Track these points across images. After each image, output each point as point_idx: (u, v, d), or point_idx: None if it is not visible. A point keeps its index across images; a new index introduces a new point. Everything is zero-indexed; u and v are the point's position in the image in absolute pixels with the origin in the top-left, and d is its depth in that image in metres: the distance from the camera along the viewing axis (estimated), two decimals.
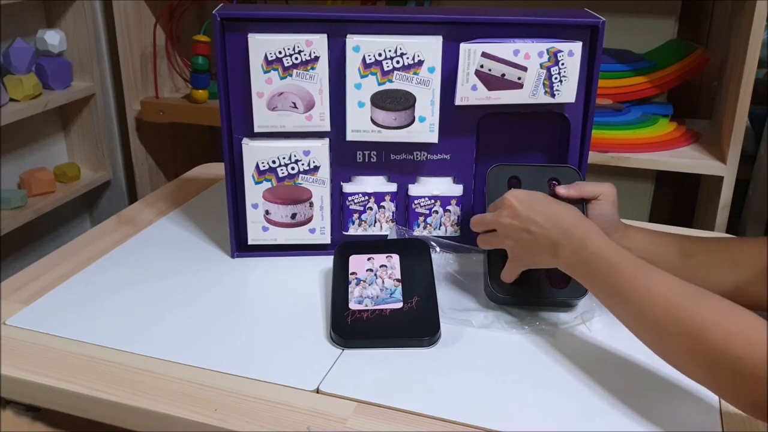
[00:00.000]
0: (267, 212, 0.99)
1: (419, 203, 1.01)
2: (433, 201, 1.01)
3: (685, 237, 0.89)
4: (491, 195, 0.92)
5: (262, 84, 0.93)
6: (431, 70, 0.92)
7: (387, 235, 1.01)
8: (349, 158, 1.00)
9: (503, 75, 0.92)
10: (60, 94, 1.86)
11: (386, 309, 0.85)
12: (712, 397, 0.73)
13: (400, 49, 0.91)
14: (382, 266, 0.91)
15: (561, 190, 0.89)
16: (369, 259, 0.92)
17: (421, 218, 1.02)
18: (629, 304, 0.71)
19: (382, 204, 1.01)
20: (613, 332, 0.84)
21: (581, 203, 0.88)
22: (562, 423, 0.70)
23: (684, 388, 0.74)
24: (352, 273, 0.90)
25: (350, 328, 0.82)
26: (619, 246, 0.75)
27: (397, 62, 0.92)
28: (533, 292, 0.88)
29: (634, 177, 1.73)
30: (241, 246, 1.02)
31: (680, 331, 0.66)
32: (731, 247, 0.85)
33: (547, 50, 0.91)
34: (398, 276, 0.89)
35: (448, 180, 1.02)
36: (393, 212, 1.02)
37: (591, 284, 0.76)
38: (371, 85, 0.93)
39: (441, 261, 0.98)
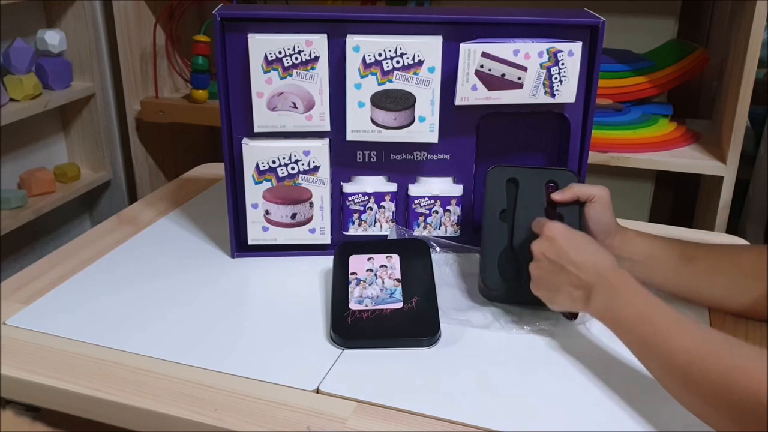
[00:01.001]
0: (267, 212, 0.99)
1: (419, 203, 1.01)
2: (433, 201, 1.01)
3: (686, 242, 0.88)
4: (490, 196, 0.92)
5: (262, 84, 0.93)
6: (431, 70, 0.92)
7: (387, 235, 1.01)
8: (349, 158, 1.00)
9: (503, 75, 0.92)
10: (60, 94, 1.86)
11: (386, 309, 0.85)
12: None
13: (400, 49, 0.91)
14: (382, 266, 0.91)
15: (556, 196, 0.88)
16: (369, 259, 0.92)
17: (421, 218, 1.02)
18: (660, 355, 0.69)
19: (382, 204, 1.01)
20: (612, 333, 0.84)
21: (577, 206, 0.88)
22: (561, 423, 0.70)
23: None
24: (352, 273, 0.90)
25: (350, 328, 0.82)
26: (652, 296, 0.73)
27: (397, 62, 0.92)
28: (527, 291, 0.88)
29: (634, 177, 1.73)
30: (241, 246, 1.02)
31: (710, 381, 0.63)
32: (732, 255, 0.85)
33: (547, 50, 0.91)
34: (398, 276, 0.89)
35: (448, 180, 1.02)
36: (393, 212, 1.02)
37: (621, 333, 0.74)
38: (371, 85, 0.93)
39: (441, 261, 0.98)
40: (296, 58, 0.92)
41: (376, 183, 1.01)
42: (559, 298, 0.80)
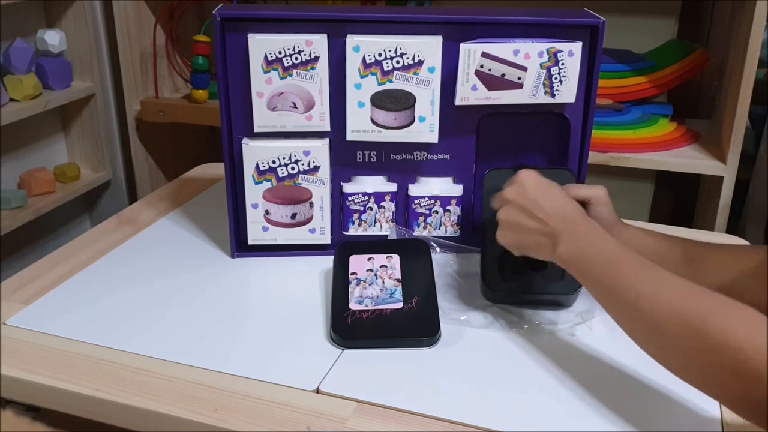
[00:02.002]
0: (267, 212, 0.99)
1: (419, 203, 1.01)
2: (433, 201, 1.01)
3: (690, 242, 0.88)
4: (487, 199, 0.92)
5: (262, 84, 0.93)
6: (431, 70, 0.92)
7: (387, 235, 1.01)
8: (349, 158, 1.00)
9: (503, 75, 0.92)
10: (60, 94, 1.86)
11: (386, 309, 0.85)
12: (713, 399, 0.73)
13: (400, 49, 0.91)
14: (382, 266, 0.91)
15: None
16: (369, 259, 0.92)
17: (421, 218, 1.02)
18: (626, 301, 0.68)
19: (382, 204, 1.01)
20: (613, 332, 0.84)
21: None
22: (561, 423, 0.70)
23: (685, 389, 0.74)
24: (353, 273, 0.90)
25: (350, 328, 0.82)
26: (620, 243, 0.74)
27: (397, 62, 0.92)
28: (528, 290, 0.88)
29: (634, 177, 1.73)
30: (241, 246, 1.02)
31: (680, 326, 0.63)
32: (735, 256, 0.84)
33: (547, 50, 0.91)
34: (398, 276, 0.89)
35: (448, 180, 1.02)
36: (393, 212, 1.02)
37: (587, 280, 0.74)
38: (371, 85, 0.93)
39: (441, 261, 0.98)
40: (296, 58, 0.92)
41: (376, 183, 1.01)
42: (525, 243, 0.80)
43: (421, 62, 0.92)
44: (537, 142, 1.01)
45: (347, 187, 1.00)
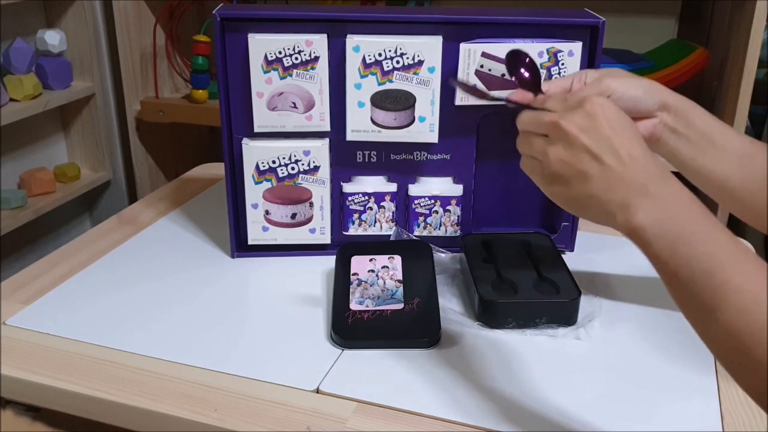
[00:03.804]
0: (267, 212, 0.99)
1: (419, 203, 1.01)
2: (433, 201, 1.01)
3: (743, 135, 0.74)
4: (470, 263, 0.92)
5: (262, 84, 0.93)
6: (431, 70, 0.92)
7: (388, 236, 1.01)
8: (349, 158, 1.00)
9: (503, 75, 0.92)
10: (60, 94, 1.86)
11: (387, 310, 0.84)
12: (713, 399, 0.73)
13: (400, 49, 0.91)
14: (383, 267, 0.91)
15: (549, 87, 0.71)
16: (371, 260, 0.92)
17: (421, 218, 1.02)
18: (708, 286, 0.51)
19: (382, 204, 1.01)
20: (614, 333, 0.84)
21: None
22: (562, 423, 0.70)
23: (685, 390, 0.74)
24: (354, 274, 0.90)
25: (351, 329, 0.82)
26: (706, 210, 0.54)
27: (397, 62, 0.92)
28: (524, 319, 0.85)
29: None
30: (241, 246, 1.02)
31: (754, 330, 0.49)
32: None
33: (547, 50, 0.91)
34: (399, 277, 0.89)
35: (448, 180, 1.02)
36: (393, 212, 1.02)
37: (667, 253, 0.54)
38: (371, 85, 0.93)
39: (443, 262, 0.98)
40: (296, 58, 0.92)
41: (376, 183, 1.01)
42: (584, 202, 0.59)
43: (421, 62, 0.92)
44: None
45: (347, 187, 1.00)
